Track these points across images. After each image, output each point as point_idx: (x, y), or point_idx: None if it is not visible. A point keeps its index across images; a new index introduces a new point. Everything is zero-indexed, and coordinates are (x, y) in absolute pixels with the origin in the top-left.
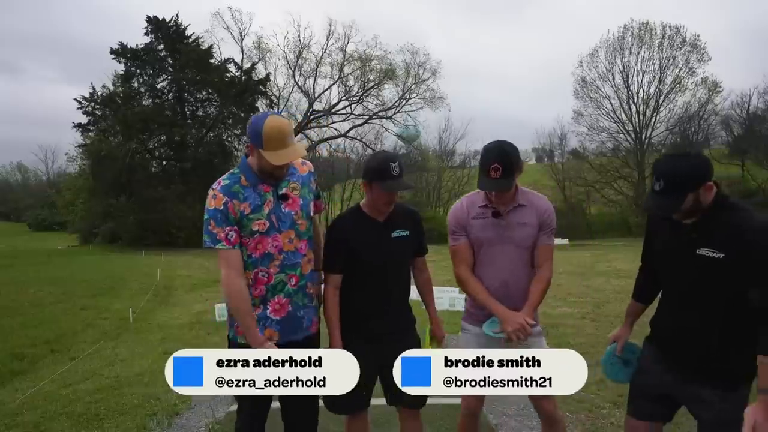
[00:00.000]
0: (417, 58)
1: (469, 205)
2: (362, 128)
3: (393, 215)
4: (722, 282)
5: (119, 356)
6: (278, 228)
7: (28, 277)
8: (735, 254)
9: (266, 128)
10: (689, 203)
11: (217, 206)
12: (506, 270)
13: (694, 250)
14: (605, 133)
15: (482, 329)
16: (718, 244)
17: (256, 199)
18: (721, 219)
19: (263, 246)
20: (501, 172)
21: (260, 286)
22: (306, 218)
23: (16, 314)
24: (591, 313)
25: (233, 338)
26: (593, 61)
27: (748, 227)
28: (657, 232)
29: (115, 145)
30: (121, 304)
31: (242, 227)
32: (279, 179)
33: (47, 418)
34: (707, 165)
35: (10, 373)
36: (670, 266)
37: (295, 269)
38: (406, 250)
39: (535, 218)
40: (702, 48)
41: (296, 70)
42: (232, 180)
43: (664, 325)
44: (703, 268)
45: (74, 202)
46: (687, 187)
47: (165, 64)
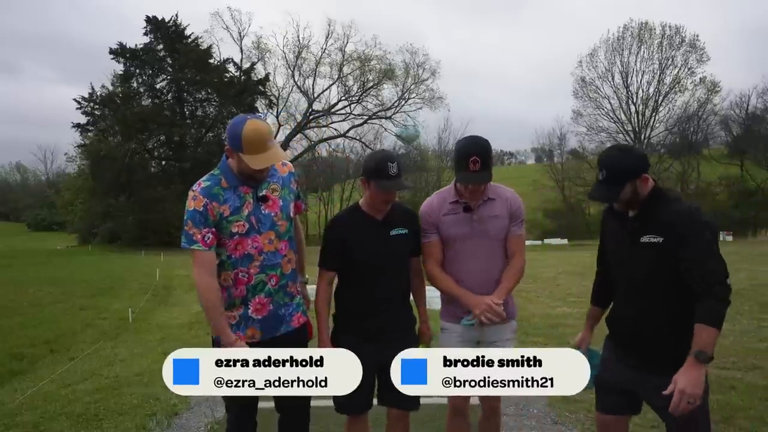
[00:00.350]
0: (416, 58)
1: (440, 201)
2: (361, 128)
3: (391, 214)
4: (664, 266)
5: (118, 356)
6: (258, 229)
7: (28, 277)
8: (672, 237)
9: (246, 132)
10: (628, 193)
11: (196, 207)
12: (482, 263)
13: (638, 239)
14: (604, 133)
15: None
16: (658, 229)
17: (235, 201)
18: (658, 208)
19: (243, 247)
20: (480, 164)
21: (240, 286)
22: (286, 219)
23: (15, 314)
24: None
25: (216, 337)
26: (593, 61)
27: (680, 212)
28: (607, 230)
29: (114, 145)
30: (120, 304)
31: (221, 229)
32: (259, 182)
33: (46, 418)
34: (644, 159)
35: (10, 373)
36: (619, 259)
37: (276, 269)
38: (404, 249)
39: (505, 210)
40: (701, 48)
41: (295, 70)
42: (212, 182)
43: (619, 319)
44: (647, 254)
45: (73, 202)
46: (626, 177)
47: (164, 64)
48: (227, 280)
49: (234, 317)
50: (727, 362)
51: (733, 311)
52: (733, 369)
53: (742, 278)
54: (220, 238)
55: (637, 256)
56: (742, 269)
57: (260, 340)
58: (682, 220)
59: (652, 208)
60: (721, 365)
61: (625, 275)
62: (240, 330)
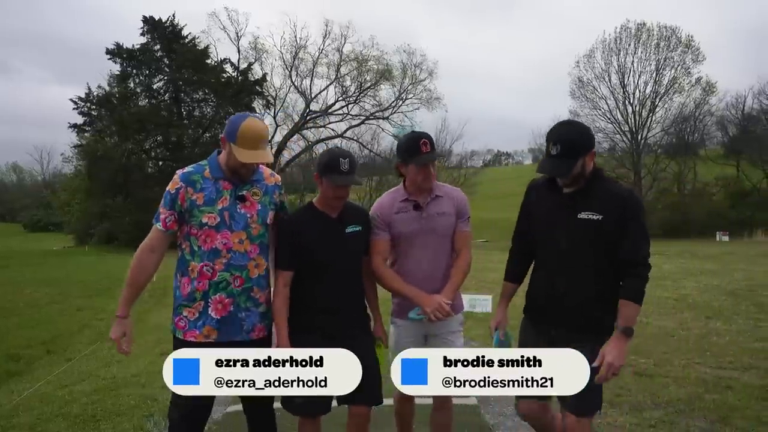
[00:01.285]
0: (414, 58)
1: (391, 201)
2: (359, 129)
3: (345, 211)
4: (599, 241)
5: (116, 357)
6: (229, 226)
7: (24, 277)
8: (611, 215)
9: (243, 126)
10: (578, 168)
11: (170, 189)
12: (431, 259)
13: (576, 214)
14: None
15: (408, 317)
16: (597, 207)
17: (212, 192)
18: (597, 187)
19: (212, 241)
20: (429, 146)
21: (203, 280)
22: (261, 224)
23: (11, 315)
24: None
25: (174, 332)
26: (590, 62)
27: (619, 192)
28: (537, 205)
29: (111, 146)
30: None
31: (192, 216)
32: (243, 179)
33: (43, 419)
34: (592, 135)
35: (6, 374)
36: (551, 234)
37: (242, 271)
38: (359, 246)
39: (452, 207)
40: (697, 48)
41: (293, 70)
42: (195, 169)
43: (545, 292)
44: (584, 229)
45: (70, 202)
46: (578, 152)
47: (161, 65)
48: (193, 272)
49: (193, 313)
50: (723, 362)
51: (729, 311)
52: (729, 369)
53: (739, 278)
54: (190, 228)
55: (573, 231)
56: (739, 269)
57: (215, 341)
58: (624, 201)
59: (592, 186)
60: (717, 365)
61: (556, 249)
62: (197, 328)
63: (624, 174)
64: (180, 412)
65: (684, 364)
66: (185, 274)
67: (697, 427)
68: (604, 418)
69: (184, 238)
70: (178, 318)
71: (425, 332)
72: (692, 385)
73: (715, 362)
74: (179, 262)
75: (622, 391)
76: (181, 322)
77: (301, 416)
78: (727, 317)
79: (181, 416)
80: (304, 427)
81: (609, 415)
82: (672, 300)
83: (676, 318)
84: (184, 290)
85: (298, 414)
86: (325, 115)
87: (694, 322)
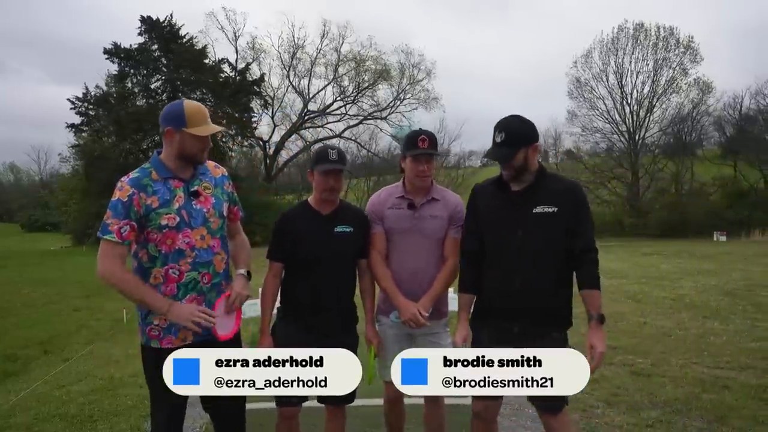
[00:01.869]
0: (411, 58)
1: (387, 195)
2: (357, 129)
3: (339, 211)
4: (556, 233)
5: (113, 357)
6: (189, 224)
7: (21, 277)
8: (566, 207)
9: (187, 108)
10: (520, 159)
11: (120, 197)
12: (416, 259)
13: (530, 209)
14: (599, 134)
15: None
16: (550, 200)
17: (165, 193)
18: (546, 182)
19: (174, 242)
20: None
21: (171, 284)
22: (218, 217)
23: (8, 315)
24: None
25: (146, 343)
26: (587, 62)
27: (568, 185)
28: (486, 208)
29: (108, 146)
30: (114, 304)
31: (149, 221)
32: (200, 162)
33: (40, 419)
34: (536, 130)
35: (3, 374)
36: (505, 233)
37: (208, 267)
38: (347, 246)
39: (446, 212)
40: (695, 49)
41: (291, 70)
42: (142, 173)
43: (500, 290)
44: (540, 223)
45: (68, 202)
46: (521, 141)
47: (159, 64)
48: (158, 278)
49: (165, 319)
50: (720, 362)
51: (727, 311)
52: (726, 368)
53: (736, 278)
54: (149, 233)
55: (530, 227)
56: (736, 269)
57: (192, 342)
58: (574, 193)
59: (540, 181)
60: (714, 365)
61: (512, 245)
62: (171, 333)
63: (622, 174)
64: (167, 413)
65: (681, 363)
66: (147, 283)
67: (694, 427)
68: (602, 417)
69: (140, 246)
70: (149, 328)
71: (409, 331)
72: (689, 384)
73: (712, 362)
74: (136, 273)
75: (620, 390)
76: (153, 331)
77: (279, 406)
78: (725, 317)
79: (168, 417)
80: (282, 419)
81: (606, 415)
82: (669, 300)
83: (673, 318)
84: None
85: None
86: (323, 115)
87: (691, 322)
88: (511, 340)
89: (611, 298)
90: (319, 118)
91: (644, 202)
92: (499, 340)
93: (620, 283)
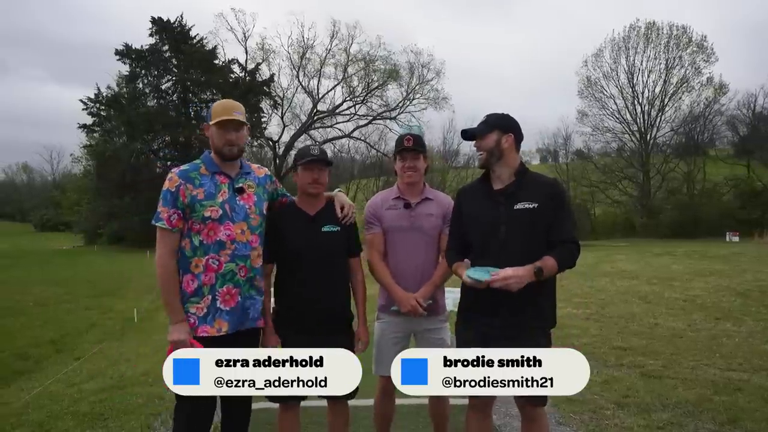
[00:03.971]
0: (421, 58)
1: (384, 198)
2: (366, 129)
3: (325, 211)
4: (537, 227)
5: (124, 356)
6: (231, 217)
7: (33, 277)
8: (546, 202)
9: (215, 104)
10: (491, 142)
11: (169, 188)
12: (415, 255)
13: (512, 206)
14: (610, 134)
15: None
16: (531, 197)
17: (211, 187)
18: (527, 180)
19: (215, 233)
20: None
21: (210, 273)
22: (259, 214)
23: (20, 314)
24: (595, 314)
25: None
26: (598, 61)
27: (547, 182)
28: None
29: (119, 146)
30: (125, 304)
31: (194, 212)
32: (229, 157)
33: (52, 417)
34: (517, 125)
35: (16, 372)
36: (489, 229)
37: (245, 260)
38: (335, 245)
39: (440, 211)
40: (708, 48)
41: (300, 70)
42: (191, 167)
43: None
44: (522, 219)
45: (79, 202)
46: (495, 124)
47: (169, 65)
48: (198, 267)
49: (202, 308)
50: (733, 363)
51: (739, 312)
52: (739, 370)
53: (749, 279)
54: (193, 223)
55: (512, 222)
56: (749, 270)
57: (227, 333)
58: (554, 189)
59: (521, 180)
60: (727, 367)
61: (495, 243)
62: (207, 323)
63: (633, 174)
64: (186, 412)
65: (693, 365)
66: (187, 271)
67: (706, 430)
68: (611, 419)
69: (184, 235)
70: (185, 317)
71: (409, 329)
72: (701, 386)
73: (724, 364)
74: (178, 262)
75: (630, 392)
76: (190, 319)
77: (276, 402)
78: (737, 318)
79: (188, 417)
80: (283, 416)
81: (617, 417)
82: (681, 301)
83: (685, 319)
84: (189, 287)
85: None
86: (333, 115)
87: (703, 323)
88: (495, 335)
89: (622, 298)
90: (328, 118)
91: (655, 202)
92: (484, 334)
93: (631, 284)
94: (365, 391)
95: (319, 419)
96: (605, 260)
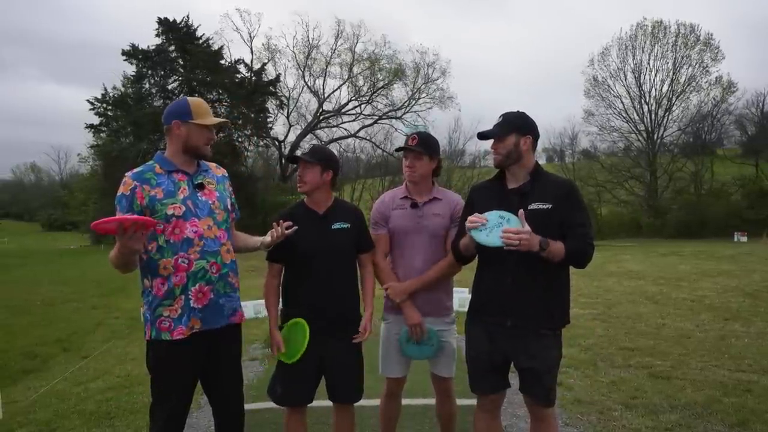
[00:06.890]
0: (426, 57)
1: (391, 197)
2: (372, 128)
3: (334, 209)
4: (550, 228)
5: (130, 355)
6: (196, 213)
7: (40, 276)
8: (561, 203)
9: (192, 102)
10: (510, 145)
11: (123, 192)
12: (422, 256)
13: (526, 206)
14: (616, 133)
15: None
16: (545, 197)
17: (169, 185)
18: (541, 181)
19: (182, 231)
20: (417, 141)
21: (180, 273)
22: (223, 209)
23: (27, 313)
24: (602, 315)
25: (156, 337)
26: (604, 60)
27: (562, 183)
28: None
29: (126, 146)
30: (132, 303)
31: (155, 212)
32: (205, 155)
33: (59, 416)
34: (534, 126)
35: (23, 371)
36: None
37: (216, 257)
38: (345, 243)
39: (448, 210)
40: (716, 47)
41: (305, 70)
42: (145, 168)
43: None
44: (535, 219)
45: (86, 202)
46: (513, 126)
47: (176, 66)
48: (167, 268)
49: (176, 310)
50: (742, 364)
51: (748, 313)
52: (748, 371)
53: (757, 280)
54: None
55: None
56: (757, 270)
57: (200, 330)
58: (568, 190)
59: (536, 180)
60: (736, 368)
61: None
62: (182, 323)
63: (639, 174)
64: (168, 412)
65: (701, 366)
66: (156, 275)
67: (714, 431)
68: (619, 420)
69: (149, 239)
70: (159, 321)
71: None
72: (710, 387)
73: (733, 365)
74: (144, 267)
75: (638, 393)
76: (164, 323)
77: (285, 406)
78: (746, 319)
79: (169, 416)
80: (290, 417)
81: (624, 418)
82: (689, 301)
83: (693, 319)
84: (160, 291)
85: (281, 404)
86: (338, 114)
87: (711, 324)
88: (504, 335)
89: (630, 298)
90: (334, 118)
91: (662, 202)
92: (492, 333)
93: (638, 284)
94: (371, 392)
95: (325, 419)
96: (612, 260)
